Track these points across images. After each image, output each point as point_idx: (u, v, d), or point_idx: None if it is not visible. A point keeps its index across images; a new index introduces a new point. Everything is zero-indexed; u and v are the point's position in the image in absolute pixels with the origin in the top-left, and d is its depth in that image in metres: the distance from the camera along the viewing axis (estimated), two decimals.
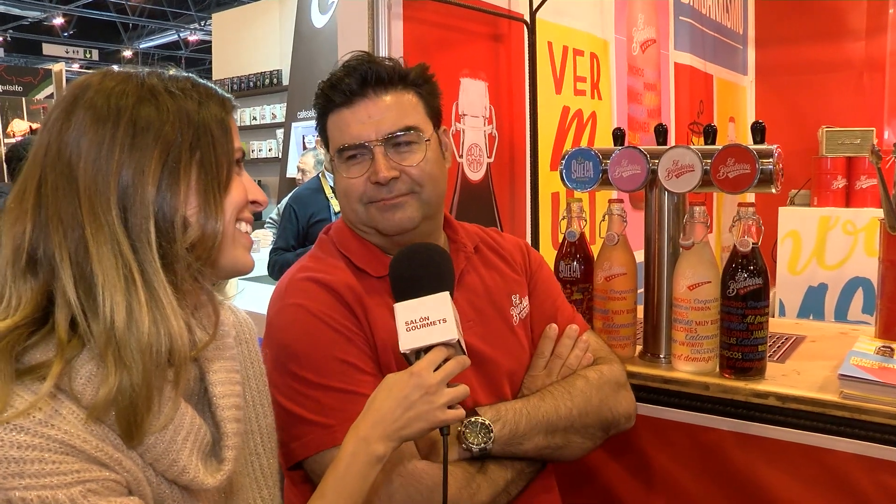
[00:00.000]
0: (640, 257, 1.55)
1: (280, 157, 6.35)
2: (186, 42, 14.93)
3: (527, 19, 1.96)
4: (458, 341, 0.92)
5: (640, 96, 2.65)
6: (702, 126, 1.58)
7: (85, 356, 0.70)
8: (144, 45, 15.25)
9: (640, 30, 2.64)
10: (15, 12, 12.88)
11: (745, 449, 1.35)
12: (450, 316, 0.92)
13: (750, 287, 1.33)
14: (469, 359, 0.95)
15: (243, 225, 0.82)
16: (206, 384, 0.82)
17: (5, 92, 7.01)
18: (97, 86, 0.75)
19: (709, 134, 1.53)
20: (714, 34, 3.28)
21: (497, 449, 1.07)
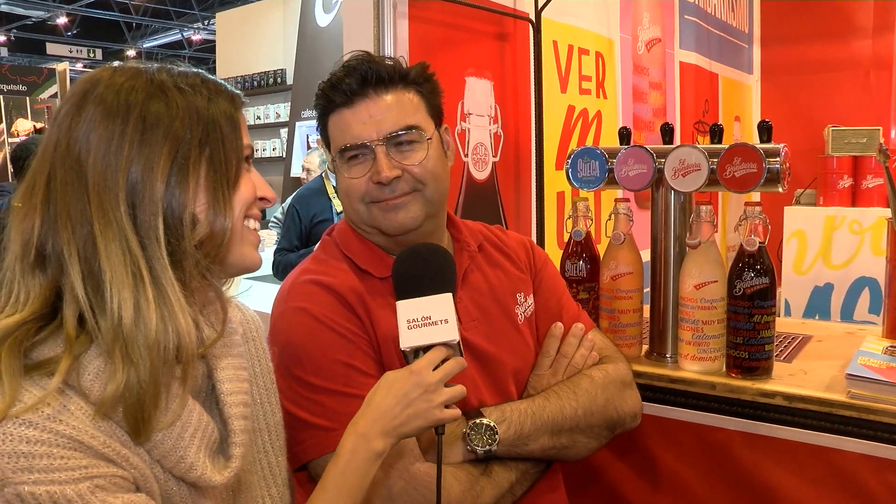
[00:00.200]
0: (647, 256, 1.55)
1: (284, 157, 6.35)
2: (190, 41, 14.96)
3: (532, 18, 1.96)
4: (458, 342, 0.93)
5: (646, 95, 2.64)
6: (707, 125, 1.58)
7: (93, 352, 0.70)
8: (148, 45, 15.28)
9: (646, 29, 2.63)
10: (19, 12, 12.92)
11: (752, 449, 1.34)
12: (452, 317, 0.92)
13: (757, 286, 1.33)
14: (466, 360, 0.95)
15: (251, 222, 0.82)
16: (214, 381, 0.82)
17: (9, 91, 7.03)
18: (107, 81, 0.75)
19: (715, 133, 1.52)
20: (719, 33, 3.27)
21: (502, 450, 1.07)
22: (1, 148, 6.68)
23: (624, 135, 1.62)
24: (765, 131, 1.45)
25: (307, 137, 5.89)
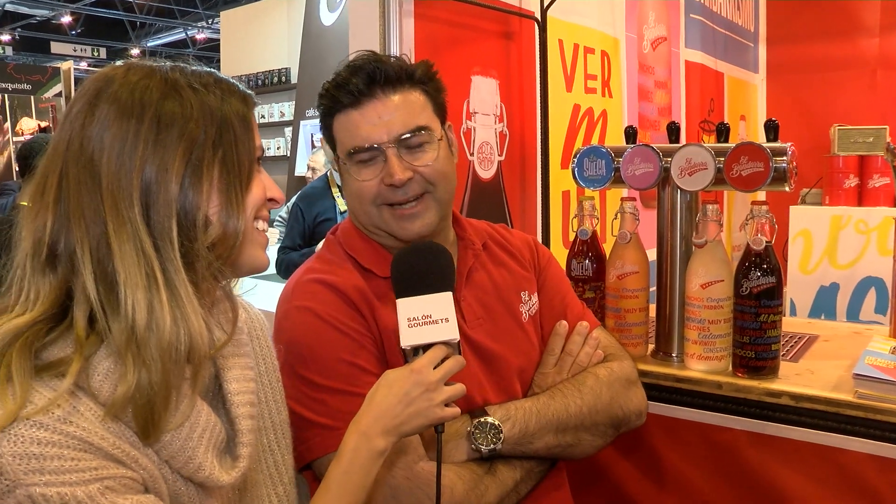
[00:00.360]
0: (652, 255, 1.55)
1: (288, 156, 6.36)
2: (194, 40, 14.98)
3: (538, 17, 1.96)
4: (458, 342, 0.93)
5: (651, 94, 2.64)
6: (713, 124, 1.58)
7: (102, 352, 0.70)
8: (152, 44, 15.31)
9: (651, 27, 2.63)
10: (23, 10, 12.95)
11: (758, 448, 1.34)
12: (452, 315, 0.93)
13: (763, 286, 1.32)
14: (468, 359, 0.95)
15: (260, 223, 0.82)
16: (221, 381, 0.82)
17: (14, 90, 7.03)
18: (121, 79, 0.74)
19: (721, 132, 1.52)
20: (725, 32, 3.26)
21: (507, 449, 1.07)
22: (5, 147, 6.70)
23: (630, 134, 1.62)
24: (771, 130, 1.45)
25: (311, 136, 5.89)
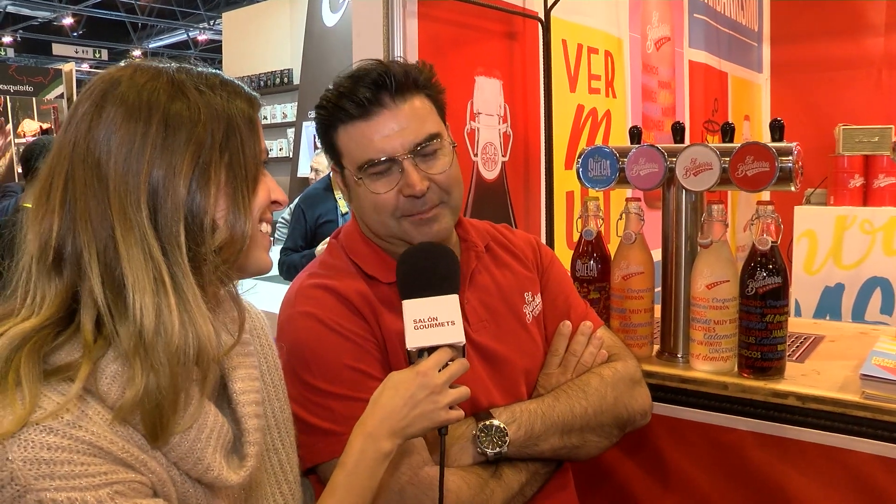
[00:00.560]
0: (657, 256, 1.54)
1: (291, 157, 6.36)
2: (196, 41, 15.00)
3: (541, 17, 1.96)
4: (464, 345, 0.93)
5: (655, 94, 2.63)
6: (717, 124, 1.57)
7: (110, 356, 0.70)
8: (154, 45, 15.33)
9: (655, 27, 2.62)
10: (25, 12, 12.98)
11: (764, 449, 1.33)
12: (458, 319, 0.92)
13: (769, 286, 1.32)
14: (474, 362, 0.95)
15: (264, 225, 0.82)
16: (226, 381, 0.82)
17: (16, 92, 7.02)
18: (128, 80, 0.74)
19: (727, 132, 1.52)
20: (729, 31, 3.25)
21: (512, 451, 1.07)
22: (7, 149, 6.70)
23: (634, 134, 1.62)
24: (777, 130, 1.44)
25: (314, 138, 5.89)
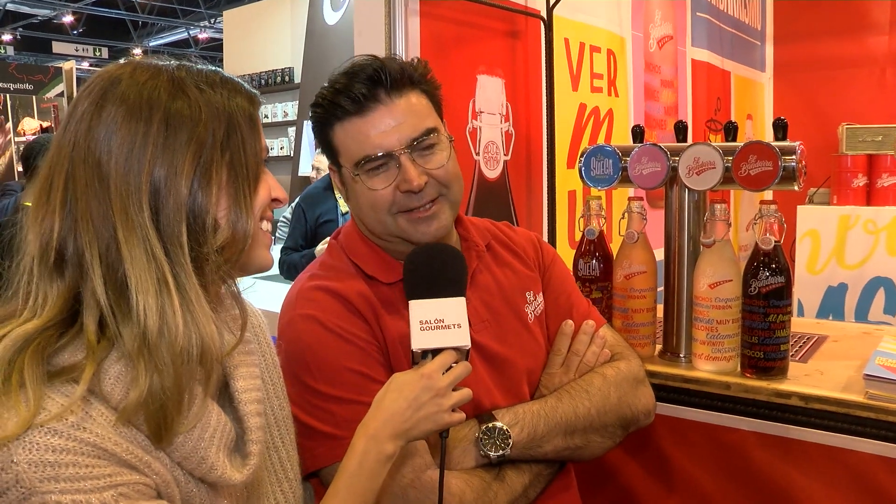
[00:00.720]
0: (660, 255, 1.54)
1: (291, 156, 6.36)
2: (196, 40, 14.99)
3: (544, 16, 1.95)
4: (468, 349, 0.93)
5: (657, 93, 2.63)
6: (719, 123, 1.57)
7: (113, 356, 0.69)
8: (154, 43, 15.32)
9: (657, 26, 2.62)
10: (25, 10, 12.97)
11: (767, 450, 1.33)
12: (464, 322, 0.92)
13: (772, 285, 1.31)
14: (477, 363, 0.94)
15: (264, 223, 0.82)
16: (228, 379, 0.81)
17: (16, 90, 7.01)
18: (128, 79, 0.73)
19: (730, 131, 1.51)
20: (732, 30, 3.25)
21: (515, 453, 1.06)
22: (7, 147, 6.70)
23: (637, 133, 1.61)
24: (780, 129, 1.44)
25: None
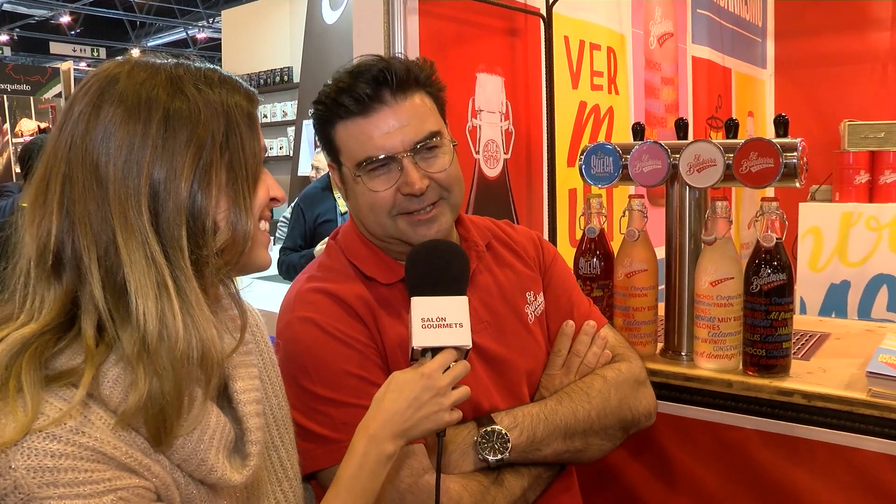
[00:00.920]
0: (661, 253, 1.53)
1: (291, 155, 6.35)
2: (195, 40, 14.98)
3: (543, 13, 1.94)
4: (469, 349, 0.92)
5: (658, 91, 2.62)
6: (720, 121, 1.56)
7: (111, 359, 0.69)
8: (152, 43, 15.29)
9: (658, 23, 2.61)
10: (22, 10, 12.96)
11: (770, 448, 1.32)
12: (466, 321, 0.91)
13: (774, 283, 1.31)
14: (476, 364, 0.93)
15: (263, 223, 0.81)
16: (227, 380, 0.81)
17: (13, 91, 7.00)
18: (126, 78, 0.72)
19: (731, 128, 1.50)
20: (732, 27, 3.24)
21: (514, 457, 1.05)
22: (5, 148, 6.69)
23: (637, 130, 1.60)
24: (781, 126, 1.43)
25: (314, 136, 5.87)
